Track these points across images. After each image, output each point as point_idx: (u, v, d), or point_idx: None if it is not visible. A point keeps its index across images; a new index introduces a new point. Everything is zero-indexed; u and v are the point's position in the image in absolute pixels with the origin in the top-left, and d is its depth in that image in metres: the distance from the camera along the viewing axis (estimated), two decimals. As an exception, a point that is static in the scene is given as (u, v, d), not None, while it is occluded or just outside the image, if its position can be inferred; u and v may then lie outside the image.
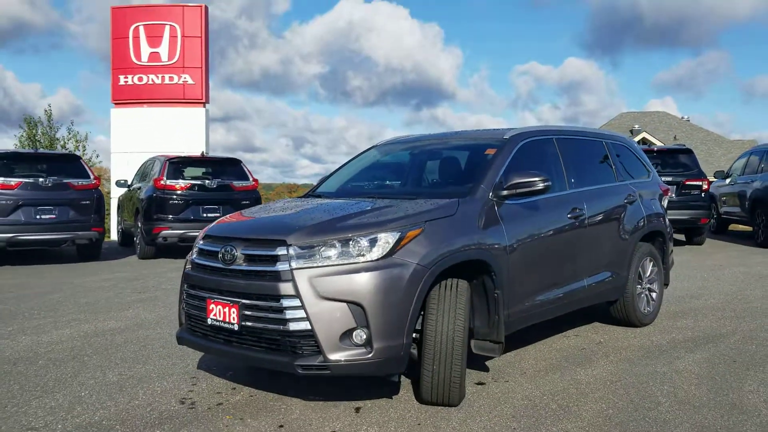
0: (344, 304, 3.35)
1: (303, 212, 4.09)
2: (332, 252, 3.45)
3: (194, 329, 3.92)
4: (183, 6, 17.98)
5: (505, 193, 4.16)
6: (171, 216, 10.70)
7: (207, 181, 11.02)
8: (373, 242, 3.47)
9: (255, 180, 11.57)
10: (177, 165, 11.10)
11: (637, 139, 39.47)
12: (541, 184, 4.14)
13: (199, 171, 11.56)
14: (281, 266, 3.44)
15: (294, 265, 3.41)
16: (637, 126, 42.22)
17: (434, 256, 3.56)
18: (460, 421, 3.49)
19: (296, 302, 3.36)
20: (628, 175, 5.70)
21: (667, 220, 6.07)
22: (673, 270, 8.95)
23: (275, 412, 3.64)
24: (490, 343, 4.00)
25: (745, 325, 5.67)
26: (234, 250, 3.65)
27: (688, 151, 12.35)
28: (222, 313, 3.64)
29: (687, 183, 11.53)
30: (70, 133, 24.00)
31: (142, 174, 12.27)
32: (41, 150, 11.64)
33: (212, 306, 3.69)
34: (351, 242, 3.46)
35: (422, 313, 3.60)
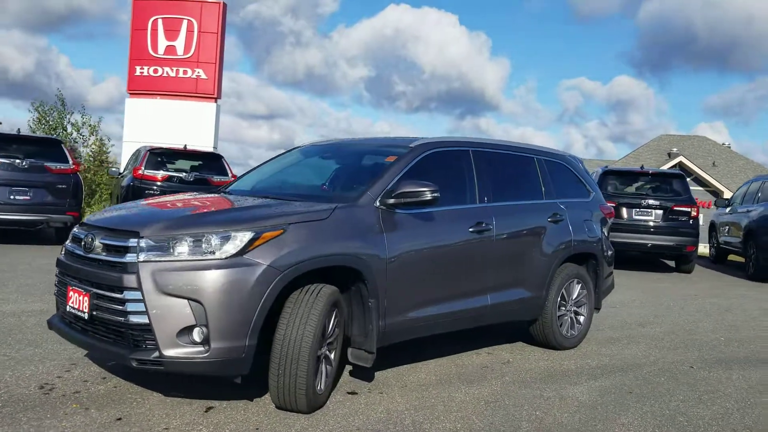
0: (185, 301, 3.30)
1: (182, 207, 4.07)
2: (183, 248, 3.40)
3: (63, 316, 3.91)
4: (202, 2, 18.23)
5: (392, 201, 4.06)
6: (149, 206, 10.81)
7: (185, 174, 11.14)
8: (224, 240, 3.42)
9: (234, 176, 11.64)
10: (158, 156, 11.25)
11: (673, 162, 38.41)
12: (429, 195, 4.03)
13: (179, 163, 11.70)
14: (129, 258, 3.41)
15: (141, 258, 3.38)
16: (675, 149, 41.04)
17: (291, 259, 3.49)
18: (300, 429, 3.41)
19: (137, 295, 3.32)
20: (560, 194, 5.52)
21: (606, 242, 5.87)
22: (640, 296, 8.74)
23: (124, 405, 3.60)
24: (365, 353, 3.93)
25: (671, 356, 5.45)
26: (94, 239, 3.64)
27: (680, 176, 12.00)
28: (77, 300, 3.62)
29: (675, 208, 11.13)
30: (83, 118, 24.28)
31: (132, 163, 12.47)
32: (23, 133, 11.75)
33: (71, 293, 3.68)
34: (203, 238, 3.42)
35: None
